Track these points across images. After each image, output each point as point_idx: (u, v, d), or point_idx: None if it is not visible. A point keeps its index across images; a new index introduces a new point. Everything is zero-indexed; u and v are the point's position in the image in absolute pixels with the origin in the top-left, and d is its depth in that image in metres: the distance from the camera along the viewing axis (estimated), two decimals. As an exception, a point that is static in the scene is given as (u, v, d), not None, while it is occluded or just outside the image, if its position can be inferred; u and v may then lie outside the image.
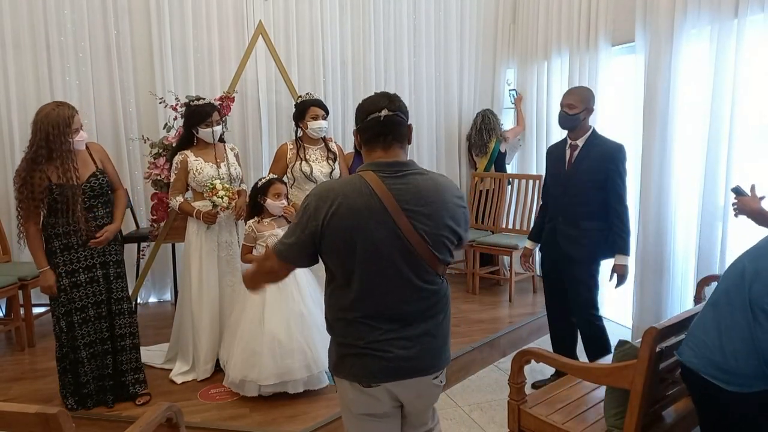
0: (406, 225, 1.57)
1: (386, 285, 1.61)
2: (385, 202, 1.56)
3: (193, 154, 3.27)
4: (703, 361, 1.79)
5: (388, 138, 1.64)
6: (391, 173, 1.60)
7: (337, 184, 1.65)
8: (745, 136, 3.33)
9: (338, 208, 1.56)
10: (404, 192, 1.59)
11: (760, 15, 3.20)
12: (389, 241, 1.57)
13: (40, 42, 4.31)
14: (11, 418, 1.54)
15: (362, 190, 1.58)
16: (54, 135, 2.65)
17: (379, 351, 1.62)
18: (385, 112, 1.62)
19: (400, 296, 1.62)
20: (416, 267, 1.61)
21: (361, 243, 1.57)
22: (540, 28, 5.03)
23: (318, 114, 3.41)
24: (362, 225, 1.56)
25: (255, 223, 3.07)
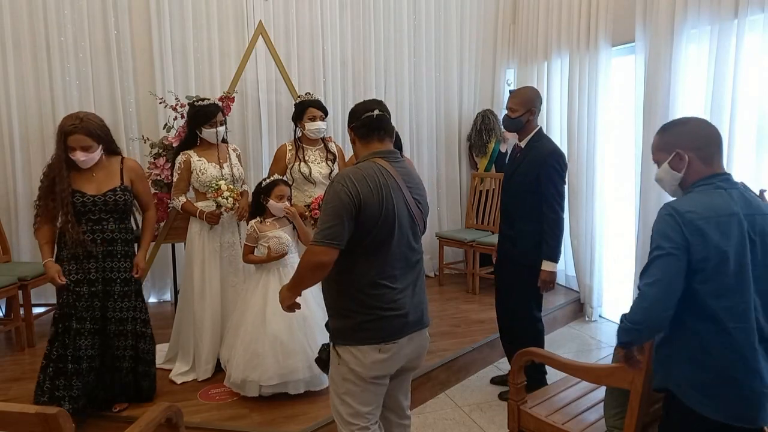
0: (410, 197, 1.98)
1: (400, 248, 1.95)
2: (397, 180, 1.94)
3: (196, 154, 3.27)
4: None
5: (382, 132, 2.01)
6: (393, 159, 1.99)
7: (360, 168, 1.94)
8: (745, 137, 3.33)
9: (370, 184, 1.87)
10: (403, 173, 1.98)
11: (760, 15, 3.20)
12: (403, 210, 1.95)
13: (40, 42, 4.31)
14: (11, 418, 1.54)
15: (382, 171, 1.92)
16: (56, 142, 2.68)
17: (396, 309, 1.94)
18: (377, 112, 2.01)
19: (407, 257, 1.98)
20: (414, 231, 2.01)
21: (389, 212, 1.89)
22: (540, 29, 5.03)
23: (316, 115, 3.41)
24: (388, 198, 1.89)
25: (257, 223, 3.06)
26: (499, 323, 3.34)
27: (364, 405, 1.99)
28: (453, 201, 5.67)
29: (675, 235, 1.59)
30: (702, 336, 1.64)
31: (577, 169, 4.57)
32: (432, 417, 3.16)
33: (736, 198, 1.65)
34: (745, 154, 3.33)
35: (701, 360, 1.64)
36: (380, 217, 1.88)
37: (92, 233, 2.73)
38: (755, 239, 1.64)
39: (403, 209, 1.94)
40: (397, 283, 1.95)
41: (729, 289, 1.61)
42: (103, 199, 2.73)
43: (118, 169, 2.82)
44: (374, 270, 1.92)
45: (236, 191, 3.24)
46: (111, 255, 2.78)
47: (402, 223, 1.94)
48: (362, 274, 1.92)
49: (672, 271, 1.60)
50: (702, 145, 1.69)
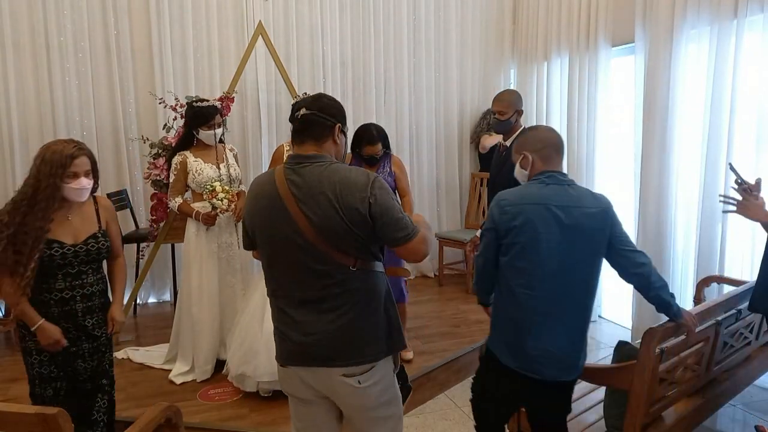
0: (296, 211, 1.65)
1: (286, 270, 1.73)
2: (279, 190, 1.69)
3: (193, 155, 3.27)
4: None
5: (303, 135, 1.75)
6: (292, 165, 1.72)
7: (262, 174, 1.84)
8: (745, 137, 3.33)
9: (252, 195, 1.79)
10: (298, 182, 1.68)
11: (759, 15, 3.20)
12: (283, 227, 1.68)
13: (39, 42, 4.30)
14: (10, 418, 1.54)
15: (269, 179, 1.74)
16: (43, 175, 2.13)
17: (284, 334, 1.77)
18: (303, 111, 1.75)
19: (298, 282, 1.72)
20: (311, 254, 1.67)
21: (264, 227, 1.74)
22: (540, 29, 5.03)
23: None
24: (263, 211, 1.73)
25: None
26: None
27: (294, 418, 1.91)
28: (453, 202, 5.67)
29: (493, 217, 1.98)
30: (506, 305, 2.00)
31: (577, 169, 4.57)
32: (432, 417, 3.16)
33: (552, 191, 1.93)
34: (744, 154, 3.33)
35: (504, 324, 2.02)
36: (256, 229, 1.76)
37: (71, 290, 2.21)
38: (570, 229, 1.90)
39: (284, 225, 1.67)
40: (290, 309, 1.73)
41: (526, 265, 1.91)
42: (84, 248, 2.22)
43: (93, 210, 2.32)
44: (268, 285, 1.81)
45: (232, 192, 3.24)
46: (90, 311, 2.27)
47: (283, 241, 1.68)
48: (266, 281, 1.84)
49: (489, 244, 2.00)
50: (541, 147, 2.01)
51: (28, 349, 2.25)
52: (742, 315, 2.50)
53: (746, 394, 3.05)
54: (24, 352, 2.27)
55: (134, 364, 3.52)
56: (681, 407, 2.38)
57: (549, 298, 1.91)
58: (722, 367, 2.54)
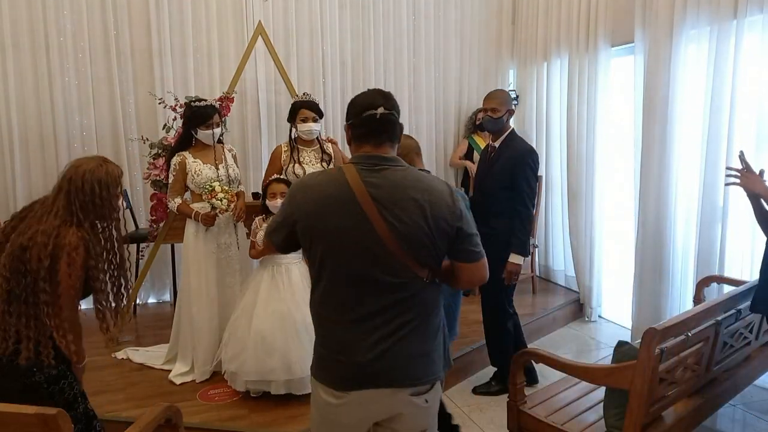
0: (377, 218, 1.51)
1: (352, 281, 1.56)
2: (356, 193, 1.52)
3: (192, 155, 3.26)
4: None
5: (383, 136, 1.61)
6: (369, 166, 1.57)
7: (317, 173, 1.71)
8: (744, 137, 3.33)
9: (311, 194, 1.58)
10: (378, 185, 1.54)
11: (759, 16, 3.20)
12: (357, 234, 1.52)
13: (39, 42, 4.30)
14: (10, 418, 1.54)
15: (338, 179, 1.57)
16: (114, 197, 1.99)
17: (342, 354, 1.59)
18: (382, 111, 1.59)
19: (365, 294, 1.56)
20: (388, 264, 1.53)
21: (327, 233, 1.55)
22: (540, 29, 5.03)
23: (308, 116, 3.38)
24: (331, 212, 1.54)
25: (260, 219, 3.11)
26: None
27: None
28: (452, 201, 5.66)
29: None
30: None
31: (577, 170, 4.57)
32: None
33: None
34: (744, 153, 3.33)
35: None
36: (315, 232, 1.57)
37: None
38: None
39: (358, 230, 1.52)
40: (351, 324, 1.57)
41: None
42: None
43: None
44: (323, 298, 1.62)
45: (231, 192, 3.24)
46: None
47: (355, 248, 1.53)
48: (314, 296, 1.66)
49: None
50: (407, 153, 2.32)
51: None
52: (742, 315, 2.50)
53: (746, 394, 3.05)
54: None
55: (134, 364, 3.51)
56: (681, 407, 2.38)
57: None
58: (722, 367, 2.54)
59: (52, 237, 1.85)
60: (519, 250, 3.11)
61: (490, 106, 3.21)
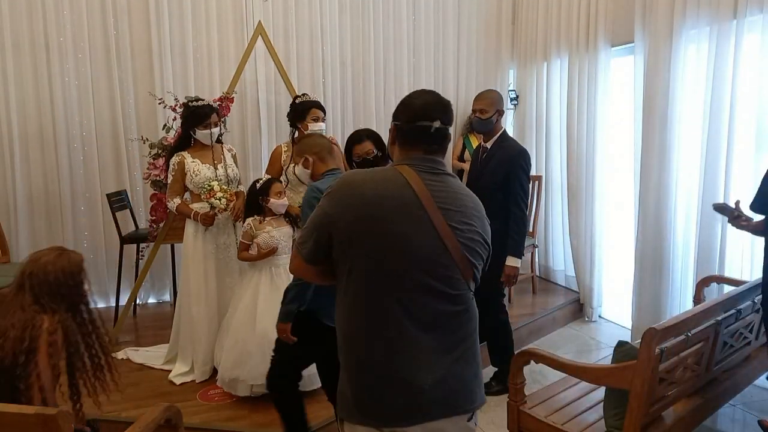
0: (443, 224, 1.39)
1: (406, 291, 1.39)
2: (420, 195, 1.40)
3: (191, 155, 3.26)
4: None
5: (433, 147, 1.50)
6: (427, 169, 1.46)
7: (366, 171, 1.51)
8: (744, 137, 3.33)
9: (363, 193, 1.40)
10: (440, 189, 1.44)
11: (759, 16, 3.20)
12: (420, 238, 1.39)
13: (39, 42, 4.30)
14: (10, 418, 1.54)
15: (396, 180, 1.42)
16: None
17: (397, 380, 1.38)
18: (438, 125, 1.48)
19: (421, 306, 1.40)
20: (447, 272, 1.41)
21: (383, 235, 1.38)
22: (539, 29, 5.03)
23: (319, 116, 3.40)
24: (391, 215, 1.38)
25: (254, 221, 3.07)
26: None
27: None
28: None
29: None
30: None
31: (577, 170, 4.57)
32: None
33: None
34: (744, 154, 3.33)
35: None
36: (369, 237, 1.39)
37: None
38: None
39: (421, 235, 1.39)
40: (411, 345, 1.39)
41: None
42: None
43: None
44: (357, 309, 1.42)
45: (230, 192, 3.23)
46: None
47: (417, 255, 1.38)
48: (354, 312, 1.44)
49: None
50: (319, 150, 2.39)
51: None
52: (742, 315, 2.50)
53: (746, 394, 3.05)
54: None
55: (134, 364, 3.51)
56: (681, 407, 2.38)
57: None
58: (722, 367, 2.54)
59: (27, 330, 1.76)
60: (515, 252, 3.11)
61: (478, 107, 3.22)
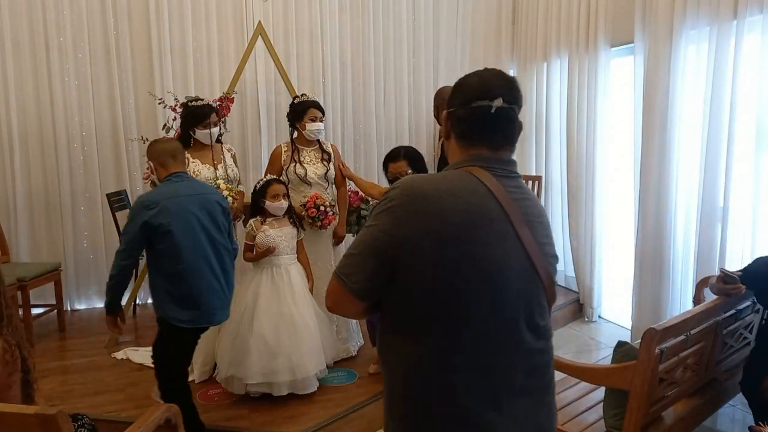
0: (530, 240, 1.14)
1: (499, 324, 1.12)
2: (506, 207, 1.13)
3: (190, 155, 3.25)
4: None
5: (497, 137, 1.21)
6: (506, 173, 1.20)
7: (434, 176, 1.23)
8: (744, 137, 3.33)
9: (444, 207, 1.11)
10: (521, 198, 1.19)
11: (759, 16, 3.20)
12: (513, 262, 1.13)
13: (39, 42, 4.30)
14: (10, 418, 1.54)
15: (476, 187, 1.14)
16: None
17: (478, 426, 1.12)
18: (500, 103, 1.18)
19: (515, 347, 1.14)
20: (538, 300, 1.17)
21: (475, 261, 1.10)
22: (539, 30, 5.03)
23: (317, 116, 3.40)
24: (477, 236, 1.11)
25: (255, 221, 3.08)
26: None
27: None
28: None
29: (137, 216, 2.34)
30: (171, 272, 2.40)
31: (577, 170, 4.57)
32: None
33: (184, 187, 2.47)
34: (744, 154, 3.33)
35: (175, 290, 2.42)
36: (449, 265, 1.09)
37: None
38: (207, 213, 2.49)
39: (513, 259, 1.13)
40: (487, 393, 1.12)
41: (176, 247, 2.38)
42: None
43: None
44: (450, 360, 1.12)
45: (235, 190, 3.24)
46: None
47: (508, 282, 1.12)
48: (420, 359, 1.14)
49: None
50: (158, 156, 2.51)
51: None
52: (742, 315, 2.50)
53: (746, 395, 3.05)
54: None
55: (134, 364, 3.51)
56: (681, 407, 2.38)
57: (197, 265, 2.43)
58: (722, 367, 2.54)
59: None
60: None
61: (434, 104, 3.33)
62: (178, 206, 2.39)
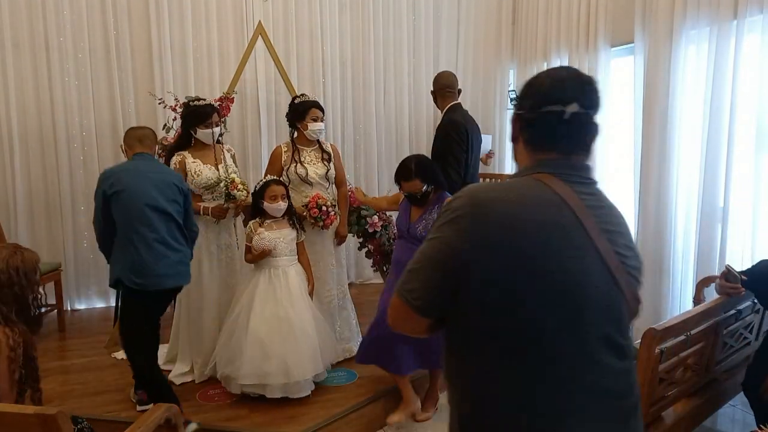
0: (609, 251, 1.05)
1: (578, 350, 1.03)
2: (581, 217, 1.05)
3: (191, 155, 3.25)
4: None
5: (569, 143, 1.13)
6: (576, 179, 1.11)
7: (502, 185, 1.12)
8: (744, 137, 3.33)
9: (510, 220, 1.02)
10: (597, 205, 1.10)
11: (759, 16, 3.20)
12: (593, 276, 1.04)
13: (39, 42, 4.30)
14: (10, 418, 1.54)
15: (549, 197, 1.06)
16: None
17: None
18: (575, 109, 1.11)
19: (597, 369, 1.04)
20: (620, 316, 1.08)
21: (549, 276, 1.01)
22: (539, 29, 5.03)
23: (318, 115, 3.40)
24: (551, 249, 1.02)
25: (255, 223, 3.08)
26: None
27: None
28: (452, 201, 5.66)
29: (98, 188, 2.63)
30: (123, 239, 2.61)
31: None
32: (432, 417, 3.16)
33: (143, 164, 2.69)
34: (744, 154, 3.33)
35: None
36: (520, 284, 1.01)
37: None
38: (159, 190, 2.65)
39: (592, 274, 1.04)
40: (564, 421, 1.03)
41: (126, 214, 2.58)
42: None
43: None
44: (526, 388, 1.03)
45: (246, 185, 3.25)
46: None
47: (593, 299, 1.04)
48: (489, 382, 1.06)
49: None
50: (128, 140, 2.76)
51: None
52: (742, 315, 2.50)
53: (746, 395, 3.05)
54: None
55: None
56: (681, 407, 2.38)
57: (144, 233, 2.58)
58: (722, 367, 2.55)
59: None
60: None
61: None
62: (130, 177, 2.61)
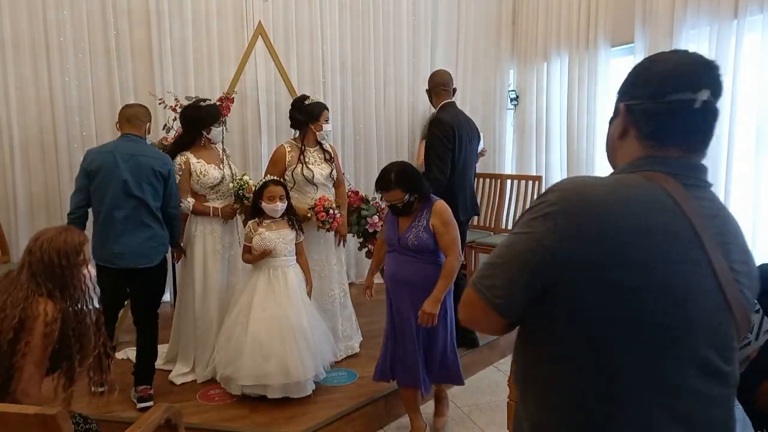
0: (723, 266, 0.93)
1: (683, 376, 0.92)
2: (697, 226, 0.93)
3: (194, 155, 3.25)
4: None
5: (696, 138, 1.00)
6: (696, 181, 1.00)
7: (607, 181, 0.99)
8: (744, 137, 3.34)
9: (622, 225, 0.90)
10: (713, 214, 0.98)
11: (759, 16, 3.21)
12: (702, 294, 0.92)
13: (39, 42, 4.30)
14: (10, 418, 1.54)
15: (661, 200, 0.94)
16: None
17: None
18: (706, 96, 0.96)
19: (699, 396, 0.94)
20: (726, 340, 0.95)
21: (653, 290, 0.90)
22: (540, 29, 5.03)
23: (328, 117, 3.46)
24: (658, 260, 0.90)
25: (254, 223, 3.08)
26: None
27: None
28: (452, 201, 5.67)
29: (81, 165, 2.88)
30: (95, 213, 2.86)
31: (577, 170, 4.57)
32: (431, 417, 3.16)
33: (124, 145, 2.87)
34: (744, 154, 3.33)
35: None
36: (624, 296, 0.90)
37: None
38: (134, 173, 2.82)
39: (705, 290, 0.93)
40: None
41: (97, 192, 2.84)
42: None
43: None
44: (617, 405, 0.92)
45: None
46: None
47: (698, 319, 0.92)
48: (566, 399, 0.97)
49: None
50: (119, 119, 2.96)
51: None
52: (742, 315, 2.49)
53: (746, 394, 3.05)
54: None
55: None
56: (681, 407, 2.38)
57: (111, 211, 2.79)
58: (722, 367, 2.54)
59: (18, 309, 1.79)
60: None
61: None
62: (105, 159, 2.80)
